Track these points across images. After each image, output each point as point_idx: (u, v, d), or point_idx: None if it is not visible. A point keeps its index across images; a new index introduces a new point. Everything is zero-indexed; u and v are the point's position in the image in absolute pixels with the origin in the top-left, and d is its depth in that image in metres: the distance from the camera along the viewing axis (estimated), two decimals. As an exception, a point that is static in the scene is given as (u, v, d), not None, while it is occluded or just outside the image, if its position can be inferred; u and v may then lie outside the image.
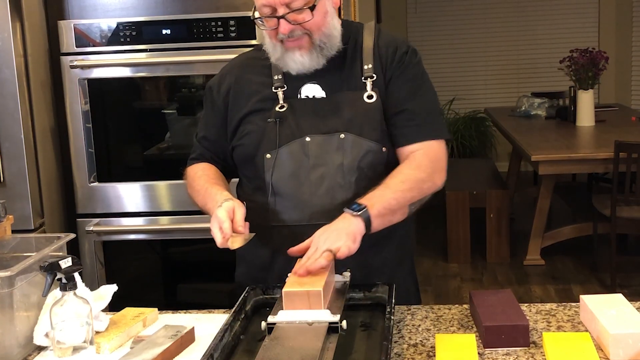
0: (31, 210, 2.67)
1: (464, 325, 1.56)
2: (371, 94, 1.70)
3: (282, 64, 1.71)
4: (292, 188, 1.69)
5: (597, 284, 4.42)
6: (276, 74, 1.74)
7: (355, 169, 1.68)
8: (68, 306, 1.49)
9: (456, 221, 4.84)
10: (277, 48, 1.69)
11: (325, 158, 1.68)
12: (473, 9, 7.32)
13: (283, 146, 1.70)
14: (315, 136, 1.69)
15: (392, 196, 1.62)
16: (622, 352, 1.36)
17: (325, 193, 1.68)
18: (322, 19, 1.66)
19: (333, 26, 1.69)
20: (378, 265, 1.73)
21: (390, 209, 1.62)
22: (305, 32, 1.65)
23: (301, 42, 1.66)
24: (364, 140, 1.68)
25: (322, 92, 1.73)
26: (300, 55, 1.67)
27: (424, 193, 1.69)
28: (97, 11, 2.83)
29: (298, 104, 1.73)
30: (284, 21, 1.63)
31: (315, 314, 1.38)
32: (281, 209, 1.71)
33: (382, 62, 1.73)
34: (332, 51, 1.70)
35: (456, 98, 7.22)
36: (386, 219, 1.62)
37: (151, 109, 3.02)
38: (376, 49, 1.74)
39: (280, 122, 1.70)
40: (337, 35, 1.71)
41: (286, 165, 1.69)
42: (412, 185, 1.66)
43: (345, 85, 1.73)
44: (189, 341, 1.52)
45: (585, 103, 5.05)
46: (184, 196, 2.86)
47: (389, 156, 1.71)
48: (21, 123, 2.63)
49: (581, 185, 6.07)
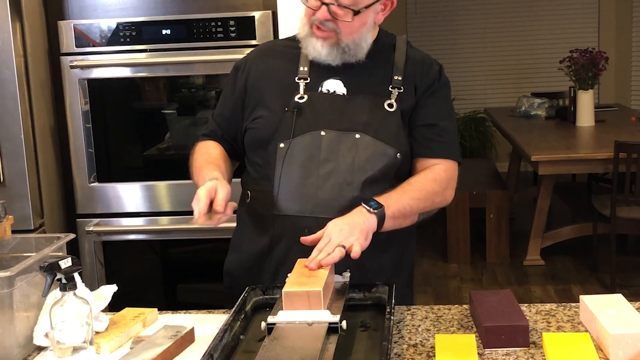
0: (31, 210, 2.67)
1: (464, 325, 1.56)
2: (392, 104, 1.72)
3: (304, 45, 1.73)
4: (299, 179, 1.70)
5: (597, 284, 4.42)
6: (303, 65, 1.76)
7: (367, 169, 1.69)
8: (68, 306, 1.49)
9: (456, 221, 4.84)
10: (305, 28, 1.72)
11: (337, 154, 1.70)
12: (473, 9, 7.32)
13: (297, 137, 1.71)
14: (330, 131, 1.71)
15: (408, 202, 1.66)
16: (622, 353, 1.36)
17: (331, 188, 1.69)
18: (358, 27, 1.68)
19: (365, 38, 1.72)
20: (375, 269, 1.73)
21: (404, 214, 1.66)
22: (336, 29, 1.67)
23: (328, 35, 1.69)
24: (380, 143, 1.70)
25: (344, 89, 1.75)
26: (321, 45, 1.70)
27: (435, 206, 1.75)
28: (97, 11, 2.83)
29: (318, 97, 1.74)
30: (325, 8, 1.65)
31: (315, 314, 1.38)
32: (285, 198, 1.71)
33: (415, 77, 1.76)
34: (353, 59, 1.72)
35: (456, 98, 7.20)
36: (397, 222, 1.66)
37: (151, 109, 3.02)
38: (409, 61, 1.77)
39: (298, 112, 1.72)
40: (365, 48, 1.73)
41: (298, 157, 1.71)
42: (427, 196, 1.71)
43: (368, 89, 1.75)
44: (188, 341, 1.52)
45: (585, 103, 5.05)
46: (184, 196, 2.88)
47: (402, 163, 1.73)
48: (21, 123, 2.63)
49: (581, 186, 6.07)
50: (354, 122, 1.71)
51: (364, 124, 1.70)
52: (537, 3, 7.25)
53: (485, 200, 4.83)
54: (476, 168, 5.74)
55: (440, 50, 7.19)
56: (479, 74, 7.42)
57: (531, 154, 4.30)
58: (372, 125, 1.70)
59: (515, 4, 7.28)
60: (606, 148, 4.23)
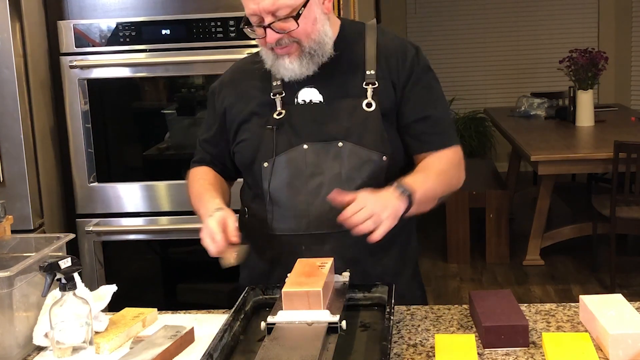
0: (31, 210, 2.67)
1: (464, 325, 1.56)
2: (370, 102, 1.67)
3: (275, 71, 1.69)
4: (289, 197, 1.68)
5: (596, 284, 4.42)
6: (275, 80, 1.72)
7: (355, 178, 1.65)
8: (67, 306, 1.49)
9: (456, 221, 4.84)
10: (269, 55, 1.68)
11: (322, 167, 1.66)
12: (472, 9, 7.32)
13: (281, 154, 1.68)
14: (313, 144, 1.67)
15: (432, 185, 1.62)
16: (622, 353, 1.36)
17: (321, 203, 1.65)
18: (311, 26, 1.63)
19: (324, 32, 1.66)
20: (378, 273, 1.71)
21: (427, 198, 1.62)
22: (294, 40, 1.63)
23: (290, 50, 1.64)
24: (363, 149, 1.66)
25: (319, 95, 1.70)
26: (289, 62, 1.65)
27: (451, 189, 1.71)
28: (96, 11, 2.83)
29: (296, 110, 1.70)
30: (270, 30, 1.61)
31: (314, 314, 1.38)
32: (278, 217, 1.70)
33: (389, 68, 1.70)
34: (324, 57, 1.67)
35: (455, 98, 7.22)
36: (421, 207, 1.61)
37: (151, 109, 3.02)
38: (382, 53, 1.71)
39: (278, 129, 1.68)
40: (329, 42, 1.67)
41: (283, 174, 1.68)
42: (446, 180, 1.68)
43: (343, 90, 1.70)
44: (188, 341, 1.52)
45: (585, 103, 5.05)
46: (184, 196, 2.86)
47: (389, 165, 1.68)
48: (21, 123, 2.63)
49: (581, 186, 6.07)
50: (335, 130, 1.67)
51: (346, 131, 1.66)
52: (537, 3, 7.25)
53: (485, 200, 4.83)
54: (476, 168, 5.74)
55: (440, 51, 7.20)
56: (478, 74, 7.42)
57: (531, 154, 4.30)
58: (354, 130, 1.66)
59: (515, 4, 7.28)
60: (606, 148, 4.23)
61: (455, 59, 7.31)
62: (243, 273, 1.85)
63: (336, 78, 1.71)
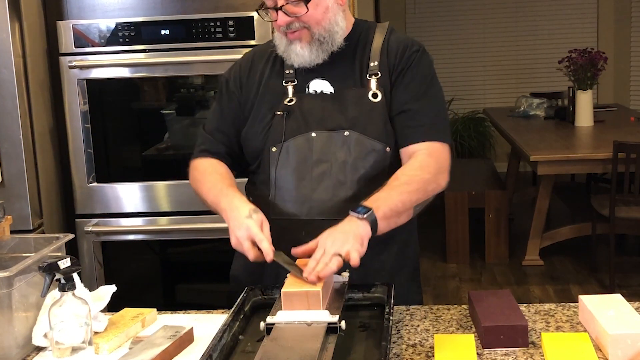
0: (30, 210, 2.67)
1: (463, 325, 1.56)
2: (376, 93, 1.71)
3: (287, 57, 1.74)
4: (294, 182, 1.70)
5: (595, 284, 4.42)
6: (288, 68, 1.77)
7: (358, 167, 1.68)
8: (67, 307, 1.49)
9: (455, 221, 4.84)
10: (282, 40, 1.73)
11: (328, 154, 1.70)
12: (472, 9, 7.32)
13: (289, 140, 1.71)
14: (321, 132, 1.71)
15: (398, 198, 1.59)
16: (621, 353, 1.36)
17: (324, 189, 1.69)
18: (322, 14, 1.68)
19: (335, 22, 1.71)
20: (377, 268, 1.72)
21: (396, 211, 1.59)
22: (304, 25, 1.68)
23: (300, 35, 1.70)
24: (368, 139, 1.69)
25: (331, 87, 1.75)
26: (300, 47, 1.70)
27: (429, 194, 1.67)
28: (95, 11, 2.83)
29: (306, 98, 1.75)
30: (281, 13, 1.67)
31: (314, 315, 1.38)
32: (281, 202, 1.72)
33: (389, 60, 1.74)
34: (333, 47, 1.72)
35: (455, 98, 7.22)
36: (392, 221, 1.59)
37: (150, 110, 3.02)
38: (385, 46, 1.76)
39: (288, 115, 1.72)
40: (340, 32, 1.72)
41: (290, 160, 1.71)
42: (418, 187, 1.63)
43: (351, 81, 1.74)
44: (187, 341, 1.52)
45: (584, 103, 5.05)
46: (183, 196, 2.87)
47: (392, 156, 1.71)
48: (20, 123, 2.63)
49: (580, 186, 6.07)
50: (342, 119, 1.71)
51: (352, 120, 1.70)
52: (536, 3, 7.25)
53: (484, 200, 4.83)
54: (475, 168, 5.75)
55: (439, 51, 7.20)
56: (478, 74, 7.42)
57: (530, 154, 4.30)
58: (360, 120, 1.69)
59: (514, 4, 7.28)
60: (605, 148, 4.23)
61: (455, 59, 7.31)
62: (238, 261, 1.84)
63: (344, 69, 1.75)
